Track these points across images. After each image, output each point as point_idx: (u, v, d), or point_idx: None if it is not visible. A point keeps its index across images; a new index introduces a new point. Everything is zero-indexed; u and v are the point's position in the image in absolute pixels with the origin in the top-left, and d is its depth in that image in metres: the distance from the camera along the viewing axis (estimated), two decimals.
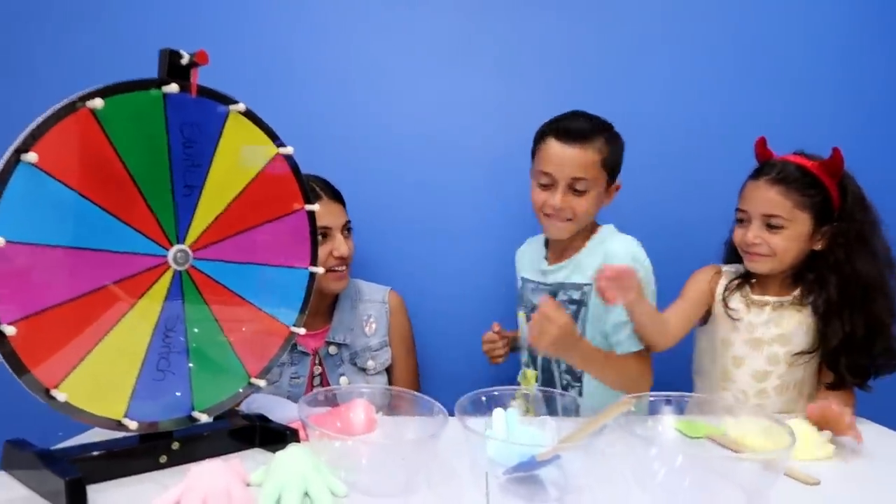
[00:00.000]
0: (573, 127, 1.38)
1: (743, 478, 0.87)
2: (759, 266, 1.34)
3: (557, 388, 1.41)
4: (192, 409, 0.99)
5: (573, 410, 1.08)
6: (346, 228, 1.52)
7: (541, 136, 1.44)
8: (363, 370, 1.54)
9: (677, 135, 1.75)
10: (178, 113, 0.92)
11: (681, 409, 1.07)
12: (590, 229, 1.49)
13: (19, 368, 0.80)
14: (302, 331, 1.12)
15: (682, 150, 1.75)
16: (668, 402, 1.06)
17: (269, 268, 1.07)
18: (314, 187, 1.44)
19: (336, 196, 1.51)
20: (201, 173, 0.97)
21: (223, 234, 1.00)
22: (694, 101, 1.76)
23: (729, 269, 1.44)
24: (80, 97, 0.82)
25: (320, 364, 1.51)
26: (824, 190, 1.29)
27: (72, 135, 0.82)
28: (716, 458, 0.92)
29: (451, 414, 0.96)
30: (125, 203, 0.89)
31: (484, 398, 1.05)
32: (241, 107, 0.99)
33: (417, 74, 1.76)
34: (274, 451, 0.91)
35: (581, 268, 1.45)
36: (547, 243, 1.55)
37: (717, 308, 1.40)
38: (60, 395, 0.83)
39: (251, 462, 0.93)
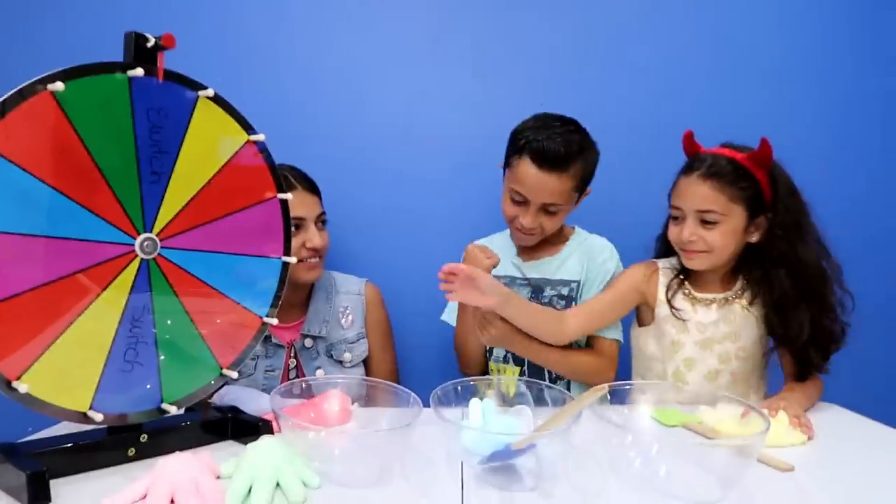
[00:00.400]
0: (551, 152, 1.35)
1: (718, 464, 0.88)
2: (697, 263, 1.32)
3: (545, 381, 1.40)
4: (162, 400, 0.97)
5: (561, 403, 1.06)
6: (321, 220, 1.49)
7: (518, 150, 1.40)
8: (339, 362, 1.52)
9: (653, 131, 1.75)
10: (144, 98, 0.90)
11: (657, 398, 1.07)
12: (561, 230, 1.54)
13: None
14: (274, 321, 1.10)
15: (657, 147, 1.75)
16: (644, 390, 1.06)
17: (240, 257, 1.05)
18: (288, 177, 1.41)
19: (311, 187, 1.49)
20: (169, 160, 0.94)
21: (192, 223, 0.98)
22: (671, 98, 1.76)
23: (665, 266, 1.42)
24: (40, 80, 0.79)
25: (295, 357, 1.49)
26: (756, 181, 1.27)
27: (32, 119, 0.80)
28: (691, 444, 0.91)
29: (428, 406, 0.95)
30: (89, 190, 0.86)
31: (460, 388, 1.04)
32: (210, 92, 0.97)
33: (392, 67, 1.75)
34: (246, 443, 0.90)
35: (567, 265, 1.50)
36: (512, 241, 1.58)
37: (662, 310, 1.38)
38: (22, 386, 0.80)
39: (223, 455, 0.92)
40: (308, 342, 1.50)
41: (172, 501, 0.78)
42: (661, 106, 1.76)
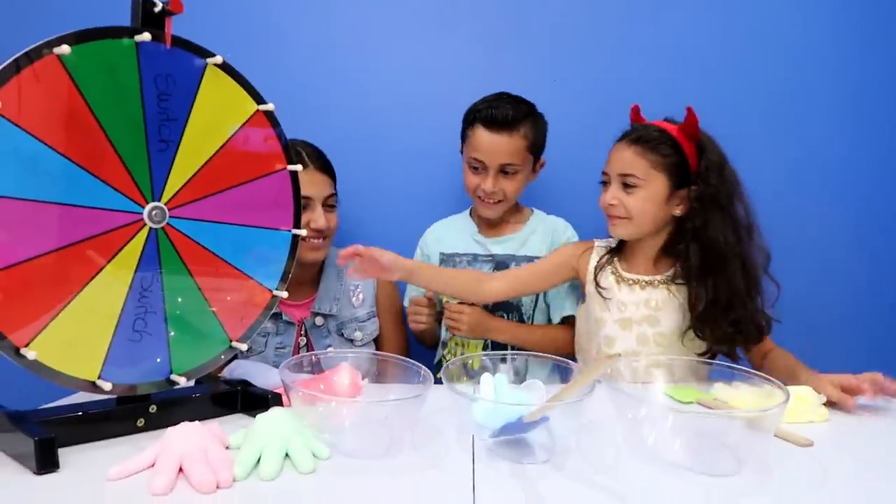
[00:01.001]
0: (499, 115, 1.46)
1: (734, 439, 0.86)
2: (618, 230, 1.33)
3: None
4: (171, 372, 0.96)
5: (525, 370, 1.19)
6: (329, 202, 1.48)
7: (469, 123, 1.52)
8: (350, 341, 1.51)
9: (663, 108, 1.73)
10: (152, 64, 0.89)
11: (672, 373, 1.05)
12: (520, 210, 1.62)
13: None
14: (284, 294, 1.09)
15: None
16: (659, 364, 1.04)
17: (249, 229, 1.04)
18: (300, 152, 1.41)
19: (323, 166, 1.47)
20: (178, 128, 0.93)
21: (201, 193, 0.97)
22: (681, 76, 1.74)
23: (600, 245, 1.43)
24: (46, 43, 0.78)
25: (306, 335, 1.49)
26: (681, 151, 1.27)
27: (38, 82, 0.78)
28: (706, 417, 0.90)
29: (439, 383, 0.94)
30: (96, 156, 0.85)
31: (470, 362, 1.03)
32: (219, 59, 0.96)
33: (401, 43, 1.74)
34: (256, 416, 0.89)
35: (531, 241, 1.58)
36: (473, 220, 1.64)
37: (590, 287, 1.38)
38: (30, 353, 0.80)
39: (232, 427, 0.91)
40: (319, 320, 1.50)
41: (181, 470, 0.77)
42: (672, 84, 1.73)
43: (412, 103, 1.74)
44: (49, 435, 0.78)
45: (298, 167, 1.09)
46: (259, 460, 0.80)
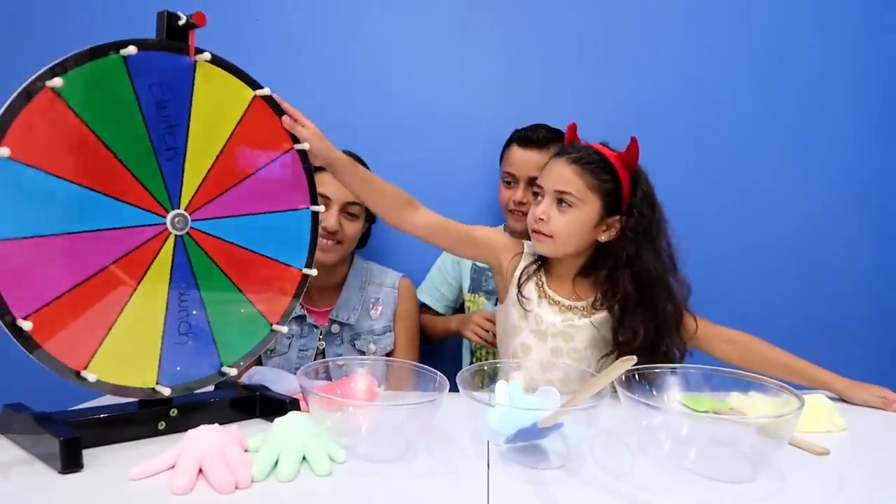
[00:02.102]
0: (532, 135, 1.59)
1: (749, 446, 0.86)
2: (542, 247, 1.32)
3: None
4: (221, 365, 1.01)
5: None
6: (348, 210, 1.48)
7: (506, 145, 1.64)
8: (361, 353, 1.53)
9: (682, 116, 1.74)
10: (142, 75, 0.89)
11: (686, 382, 1.05)
12: None
13: (46, 358, 0.81)
14: (313, 272, 1.12)
15: (687, 132, 1.73)
16: (674, 372, 1.04)
17: (269, 215, 1.06)
18: None
19: None
20: (181, 133, 0.94)
21: (217, 191, 0.99)
22: (704, 87, 1.74)
23: (528, 252, 1.40)
24: (37, 77, 0.79)
25: (323, 340, 1.51)
26: (617, 179, 1.27)
27: (39, 118, 0.79)
28: (721, 423, 0.90)
29: (454, 390, 0.95)
30: (110, 178, 0.87)
31: (486, 368, 1.04)
32: (207, 55, 0.96)
33: (420, 51, 1.76)
34: (273, 420, 0.90)
35: None
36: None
37: (512, 291, 1.36)
38: (90, 375, 0.85)
39: (251, 431, 0.92)
40: (335, 328, 1.52)
41: (200, 470, 0.79)
42: (691, 94, 1.74)
43: (430, 112, 1.76)
44: (74, 436, 0.80)
45: (305, 145, 1.10)
46: (277, 462, 0.82)
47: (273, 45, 1.72)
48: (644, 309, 1.26)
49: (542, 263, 1.37)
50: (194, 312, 0.97)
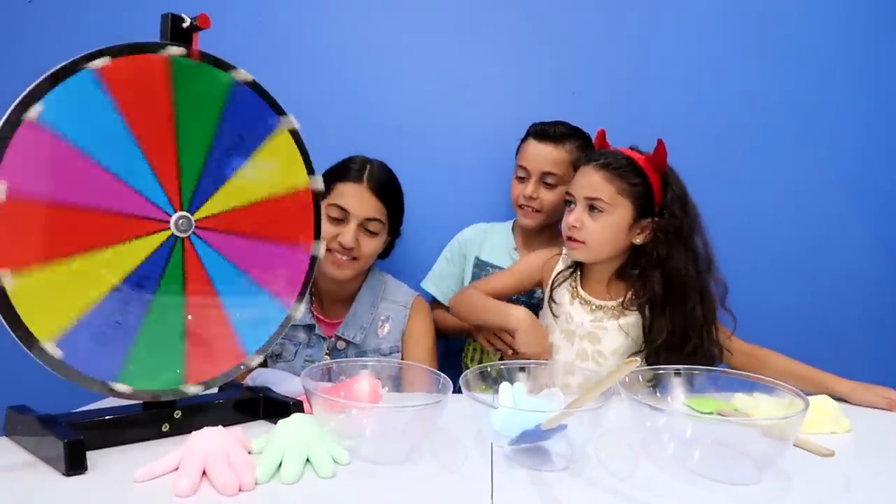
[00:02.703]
0: (549, 129, 1.57)
1: (754, 447, 0.86)
2: (576, 254, 1.34)
3: None
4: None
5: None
6: (368, 227, 1.42)
7: (523, 138, 1.62)
8: None
9: (688, 117, 1.74)
10: (238, 105, 0.97)
11: (691, 383, 1.05)
12: (556, 239, 1.58)
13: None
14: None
15: (693, 134, 1.73)
16: (678, 373, 1.04)
17: (254, 284, 1.06)
18: (360, 168, 1.43)
19: (377, 188, 1.42)
20: (236, 164, 0.99)
21: (229, 228, 1.00)
22: (708, 87, 1.74)
23: (566, 255, 1.43)
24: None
25: (330, 354, 1.48)
26: (647, 181, 1.29)
27: (143, 67, 0.87)
28: (725, 425, 0.89)
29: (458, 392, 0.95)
30: (158, 149, 0.90)
31: (490, 370, 1.04)
32: (294, 124, 1.04)
33: (425, 53, 1.76)
34: (277, 422, 0.91)
35: None
36: (513, 235, 1.69)
37: (547, 293, 1.41)
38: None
39: (254, 433, 0.92)
40: (341, 344, 1.48)
41: (204, 473, 0.79)
42: (694, 95, 1.74)
43: (435, 112, 1.76)
44: (78, 438, 0.80)
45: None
46: (280, 464, 0.82)
47: (278, 46, 1.72)
48: (672, 309, 1.27)
49: (578, 267, 1.40)
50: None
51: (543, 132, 1.57)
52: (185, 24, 0.90)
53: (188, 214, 0.95)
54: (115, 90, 0.85)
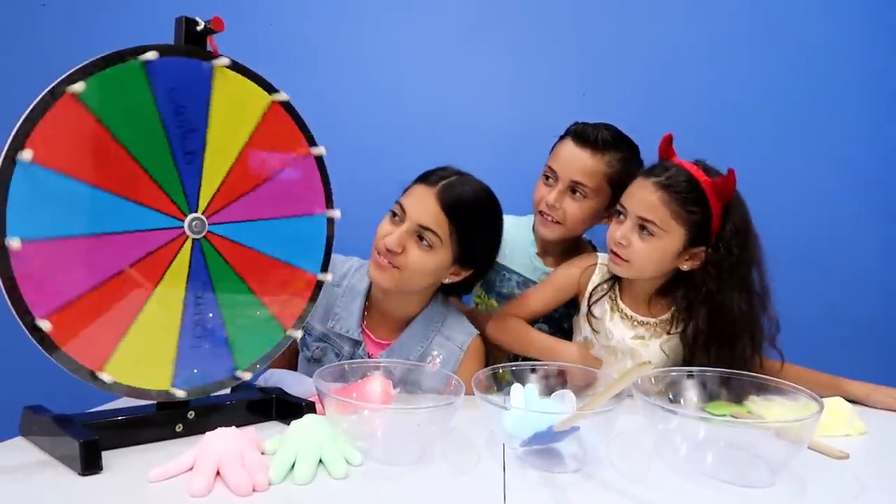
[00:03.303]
0: (591, 133, 1.39)
1: (767, 450, 0.85)
2: (620, 270, 1.27)
3: None
4: (235, 369, 1.01)
5: None
6: (422, 235, 1.25)
7: (561, 136, 1.46)
8: None
9: (693, 116, 1.73)
10: (162, 80, 0.88)
11: (704, 386, 1.05)
12: (584, 247, 1.54)
13: (63, 358, 0.82)
14: (328, 277, 1.12)
15: (699, 133, 1.72)
16: (691, 375, 1.04)
17: (286, 220, 1.06)
18: (436, 171, 1.32)
19: (446, 199, 1.25)
20: (199, 137, 0.94)
21: (234, 195, 0.99)
22: (716, 85, 1.73)
23: (603, 263, 1.36)
24: (59, 82, 0.79)
25: None
26: (708, 209, 1.19)
27: (61, 123, 0.80)
28: (739, 427, 0.89)
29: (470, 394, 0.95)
30: (129, 181, 0.87)
31: (501, 371, 1.04)
32: (225, 60, 0.95)
33: (430, 56, 1.77)
34: (290, 423, 0.91)
35: None
36: (535, 238, 1.55)
37: (584, 306, 1.35)
38: (106, 377, 0.85)
39: (267, 433, 0.93)
40: None
41: (218, 473, 0.79)
42: (705, 96, 1.73)
43: (442, 114, 1.76)
44: (93, 438, 0.81)
45: (322, 150, 1.09)
46: (294, 465, 0.82)
47: (286, 48, 1.74)
48: (719, 348, 1.21)
49: (617, 279, 1.33)
50: (210, 315, 0.97)
51: (583, 135, 1.39)
52: (199, 28, 0.90)
53: (196, 214, 0.95)
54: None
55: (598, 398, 0.83)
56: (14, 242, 0.76)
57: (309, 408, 1.02)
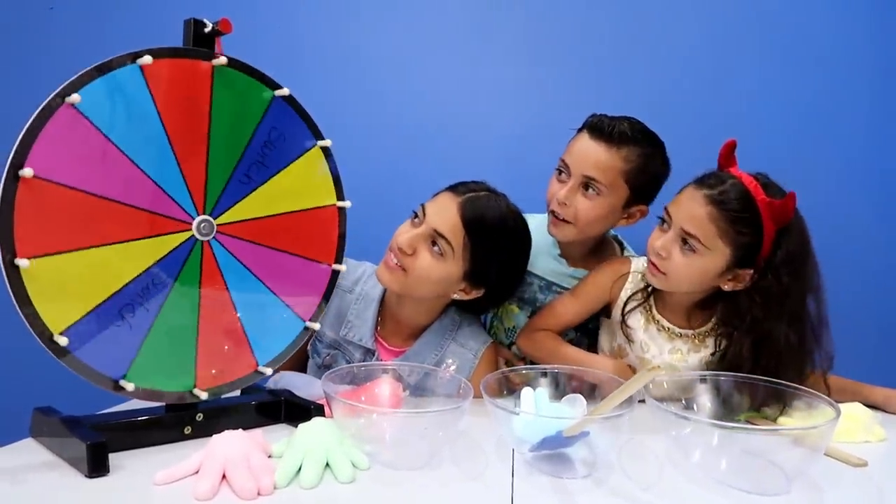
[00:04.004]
0: (607, 125, 1.32)
1: (783, 457, 0.84)
2: (655, 281, 1.20)
3: None
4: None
5: None
6: (435, 241, 1.21)
7: (579, 129, 1.38)
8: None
9: (699, 117, 1.70)
10: (275, 117, 1.00)
11: (717, 390, 1.03)
12: (608, 246, 1.47)
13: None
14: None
15: (705, 133, 1.70)
16: (704, 380, 1.02)
17: (272, 295, 1.07)
18: (467, 182, 1.29)
19: (468, 212, 1.21)
20: (265, 174, 1.01)
21: (251, 237, 1.01)
22: (717, 87, 1.71)
23: (637, 270, 1.30)
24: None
25: None
26: (759, 232, 1.10)
27: (183, 70, 0.89)
28: (754, 433, 0.87)
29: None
30: (190, 150, 0.92)
31: (511, 376, 1.03)
32: (327, 143, 1.08)
33: (440, 57, 1.75)
34: (298, 426, 0.91)
35: None
36: (556, 241, 1.46)
37: (617, 313, 1.29)
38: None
39: (275, 436, 0.92)
40: None
41: (224, 476, 0.79)
42: (711, 96, 1.70)
43: (448, 116, 1.75)
44: (100, 440, 0.81)
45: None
46: (300, 469, 0.82)
47: (291, 51, 1.73)
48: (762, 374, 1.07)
49: (654, 288, 1.26)
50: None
51: (599, 127, 1.31)
52: (206, 30, 0.90)
53: (210, 218, 0.95)
54: (156, 89, 0.87)
55: (608, 403, 0.81)
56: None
57: (317, 410, 1.02)
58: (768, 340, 1.12)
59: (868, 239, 1.72)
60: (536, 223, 1.38)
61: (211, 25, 0.91)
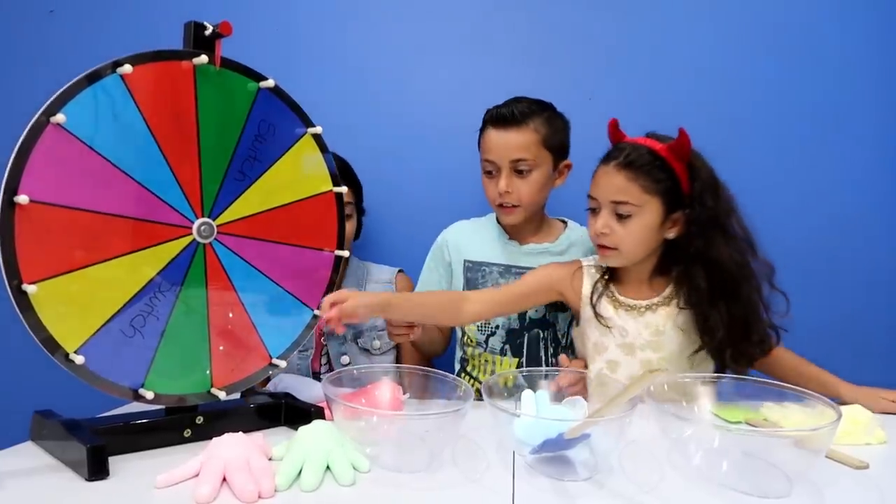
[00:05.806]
0: (506, 112, 1.40)
1: (784, 459, 0.83)
2: (611, 260, 1.26)
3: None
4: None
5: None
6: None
7: (482, 128, 1.46)
8: (366, 350, 1.50)
9: (702, 118, 1.70)
10: (263, 109, 1.00)
11: (718, 392, 1.03)
12: (550, 221, 1.54)
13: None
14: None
15: (708, 135, 1.70)
16: (705, 382, 1.02)
17: (277, 287, 1.08)
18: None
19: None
20: (259, 169, 1.01)
21: (252, 233, 1.02)
22: (725, 86, 1.71)
23: (589, 265, 1.35)
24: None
25: (325, 340, 1.48)
26: (673, 174, 1.20)
27: (167, 76, 0.89)
28: (754, 435, 0.87)
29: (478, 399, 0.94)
30: (181, 155, 0.92)
31: (511, 377, 1.03)
32: (318, 130, 1.07)
33: (438, 58, 1.75)
34: (298, 429, 0.90)
35: (568, 256, 1.48)
36: (500, 225, 1.54)
37: (586, 311, 1.32)
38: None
39: (276, 439, 0.92)
40: None
41: (224, 479, 0.79)
42: (714, 97, 1.70)
43: (447, 118, 1.74)
44: (100, 443, 0.81)
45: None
46: (300, 472, 0.81)
47: (291, 53, 1.73)
48: (726, 302, 1.20)
49: (611, 274, 1.32)
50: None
51: (501, 117, 1.40)
52: (207, 32, 0.91)
53: (210, 220, 0.95)
54: (140, 97, 0.87)
55: (609, 405, 0.81)
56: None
57: (318, 413, 1.02)
58: (716, 262, 1.20)
59: (878, 240, 1.72)
60: (474, 223, 1.57)
61: (211, 28, 0.91)
